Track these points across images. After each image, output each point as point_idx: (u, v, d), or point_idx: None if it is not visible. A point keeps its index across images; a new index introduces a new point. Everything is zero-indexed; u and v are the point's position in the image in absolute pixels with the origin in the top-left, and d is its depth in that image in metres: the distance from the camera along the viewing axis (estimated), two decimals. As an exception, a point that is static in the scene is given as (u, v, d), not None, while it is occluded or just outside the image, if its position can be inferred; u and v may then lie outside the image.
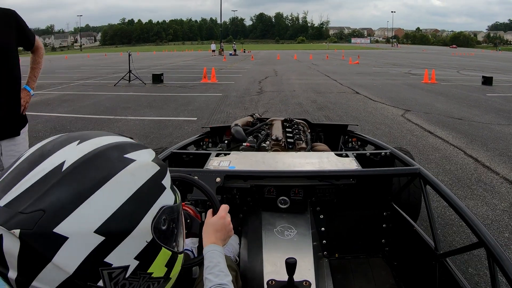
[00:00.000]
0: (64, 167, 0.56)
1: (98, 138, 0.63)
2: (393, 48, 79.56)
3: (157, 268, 0.63)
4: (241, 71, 17.83)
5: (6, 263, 0.52)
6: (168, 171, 0.69)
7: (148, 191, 0.61)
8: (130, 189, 0.58)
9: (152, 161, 0.65)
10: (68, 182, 0.54)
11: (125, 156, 0.61)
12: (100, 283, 0.55)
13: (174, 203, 0.67)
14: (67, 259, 0.52)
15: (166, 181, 0.66)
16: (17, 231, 0.50)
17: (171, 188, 0.68)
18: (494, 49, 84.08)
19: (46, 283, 0.53)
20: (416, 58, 31.79)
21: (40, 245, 0.51)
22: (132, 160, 0.61)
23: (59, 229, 0.51)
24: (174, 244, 0.68)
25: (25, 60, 2.33)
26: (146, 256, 0.60)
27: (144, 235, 0.59)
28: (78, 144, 0.60)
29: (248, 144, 2.35)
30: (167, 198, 0.65)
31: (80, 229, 0.52)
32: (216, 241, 0.98)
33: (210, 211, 1.08)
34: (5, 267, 0.52)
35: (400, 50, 62.73)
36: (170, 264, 0.67)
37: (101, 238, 0.54)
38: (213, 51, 42.25)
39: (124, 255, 0.57)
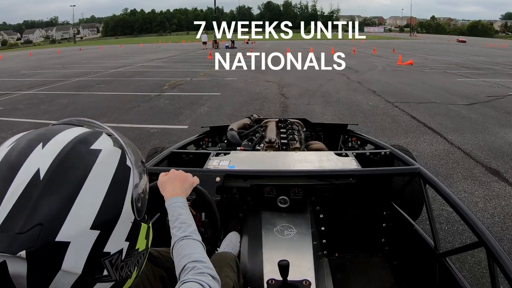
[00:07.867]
0: (41, 176, 0.55)
1: (59, 135, 0.62)
2: (412, 38, 73.22)
3: (141, 243, 0.68)
4: (207, 96, 8.82)
5: (14, 287, 0.51)
6: (127, 150, 0.69)
7: (121, 176, 0.63)
8: (107, 178, 0.61)
9: (114, 146, 0.67)
10: (51, 190, 0.54)
11: (91, 148, 0.63)
12: (105, 272, 0.58)
13: (140, 180, 0.69)
14: (74, 262, 0.54)
15: (129, 161, 0.67)
16: (23, 253, 0.50)
17: (135, 165, 0.68)
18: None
19: None
20: (464, 53, 25.30)
21: (47, 258, 0.52)
22: (99, 151, 0.63)
23: (60, 237, 0.53)
24: (146, 217, 0.71)
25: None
26: (133, 235, 0.64)
27: (128, 217, 0.63)
28: (43, 147, 0.59)
29: (242, 148, 2.33)
30: (135, 177, 0.67)
31: (78, 230, 0.54)
32: (175, 193, 0.95)
33: (161, 174, 1.04)
34: None
35: (422, 41, 56.05)
36: (148, 236, 0.72)
37: (97, 232, 0.56)
38: (204, 43, 33.29)
39: (117, 241, 0.60)
